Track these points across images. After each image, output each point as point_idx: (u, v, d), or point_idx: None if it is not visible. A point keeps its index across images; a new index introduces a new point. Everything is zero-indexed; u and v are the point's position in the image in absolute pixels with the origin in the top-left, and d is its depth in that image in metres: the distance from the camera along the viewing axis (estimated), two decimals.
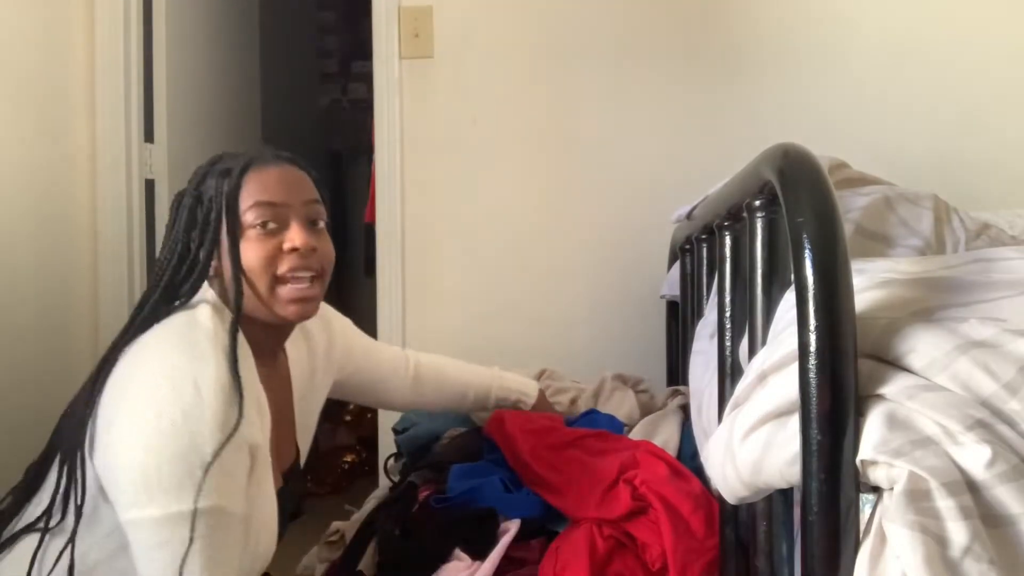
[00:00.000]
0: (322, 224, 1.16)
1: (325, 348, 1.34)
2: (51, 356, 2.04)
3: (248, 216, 1.09)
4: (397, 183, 2.24)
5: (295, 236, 1.10)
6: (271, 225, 1.09)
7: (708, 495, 1.20)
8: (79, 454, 1.02)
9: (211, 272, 1.10)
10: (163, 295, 1.09)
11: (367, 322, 2.60)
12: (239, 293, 1.07)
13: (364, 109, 3.04)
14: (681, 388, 1.71)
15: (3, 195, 1.88)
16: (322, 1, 4.25)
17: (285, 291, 1.09)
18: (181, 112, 2.37)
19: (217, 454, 0.96)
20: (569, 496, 1.25)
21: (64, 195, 2.11)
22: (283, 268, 1.09)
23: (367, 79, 2.47)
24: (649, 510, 1.17)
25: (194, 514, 0.95)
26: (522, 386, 1.60)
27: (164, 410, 0.95)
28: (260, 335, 1.11)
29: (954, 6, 2.16)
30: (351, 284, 3.94)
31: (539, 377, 1.75)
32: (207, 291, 1.10)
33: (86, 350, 2.17)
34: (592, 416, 1.54)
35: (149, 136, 2.28)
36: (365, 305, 2.96)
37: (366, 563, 1.28)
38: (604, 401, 1.67)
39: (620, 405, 1.64)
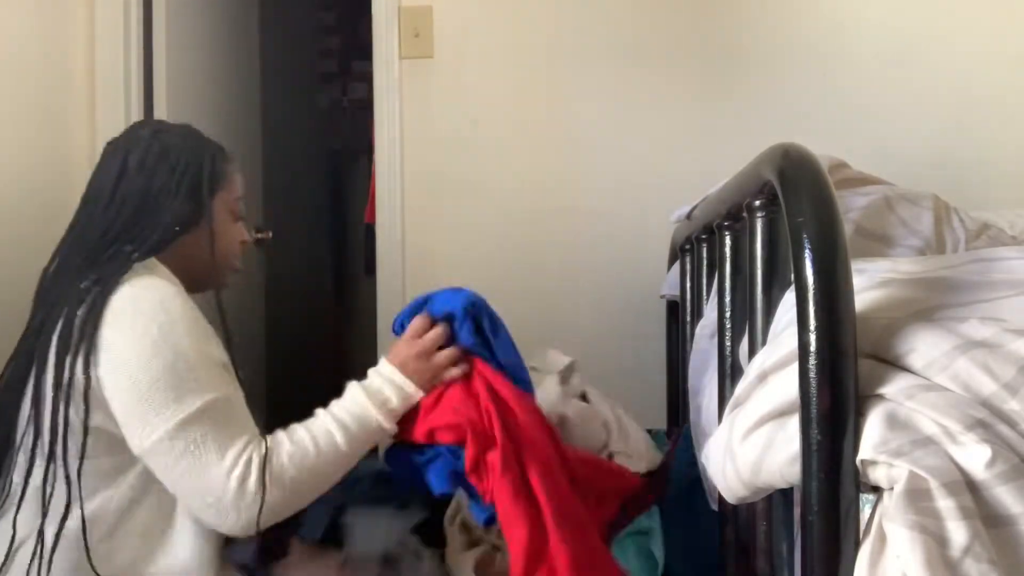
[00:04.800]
0: None
1: None
2: None
3: (235, 205, 1.29)
4: (397, 183, 2.23)
5: (247, 234, 1.34)
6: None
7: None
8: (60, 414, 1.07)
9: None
10: (117, 243, 1.16)
11: (367, 322, 2.61)
12: (213, 251, 1.23)
13: (364, 109, 3.04)
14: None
15: (3, 195, 1.88)
16: (322, 1, 4.25)
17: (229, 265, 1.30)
18: (181, 112, 2.36)
19: (198, 351, 1.08)
20: None
21: (64, 195, 2.11)
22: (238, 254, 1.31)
23: (367, 79, 2.47)
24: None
25: (200, 412, 1.05)
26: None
27: (140, 335, 1.05)
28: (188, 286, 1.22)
29: (954, 7, 2.16)
30: (351, 284, 3.94)
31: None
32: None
33: None
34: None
35: None
36: (365, 305, 2.96)
37: None
38: None
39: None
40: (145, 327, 1.06)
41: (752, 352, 0.93)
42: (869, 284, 0.81)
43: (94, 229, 1.19)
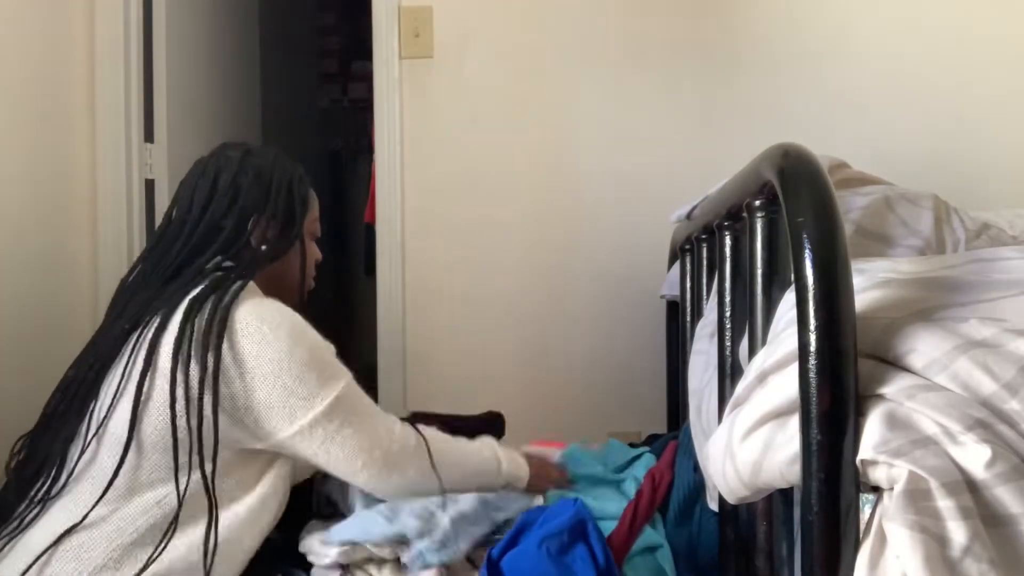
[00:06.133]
0: None
1: None
2: (50, 356, 2.04)
3: (314, 225, 1.37)
4: (397, 183, 2.23)
5: (319, 253, 1.41)
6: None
7: None
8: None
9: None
10: (207, 259, 1.22)
11: (367, 322, 2.61)
12: (303, 272, 1.35)
13: (364, 109, 3.04)
14: None
15: (3, 195, 1.88)
16: (322, 1, 4.25)
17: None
18: (181, 112, 2.37)
19: (325, 344, 1.19)
20: None
21: (64, 195, 2.11)
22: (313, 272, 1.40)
23: (367, 79, 2.47)
24: None
25: (346, 390, 1.16)
26: None
27: (273, 340, 1.13)
28: None
29: (954, 7, 2.16)
30: (351, 284, 3.94)
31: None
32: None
33: None
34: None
35: (149, 136, 2.27)
36: (365, 305, 2.96)
37: None
38: None
39: None
40: (275, 333, 1.13)
41: (752, 352, 0.93)
42: (869, 284, 0.81)
43: (182, 245, 1.23)
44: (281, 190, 1.28)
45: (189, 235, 1.23)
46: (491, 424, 1.54)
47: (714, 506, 1.18)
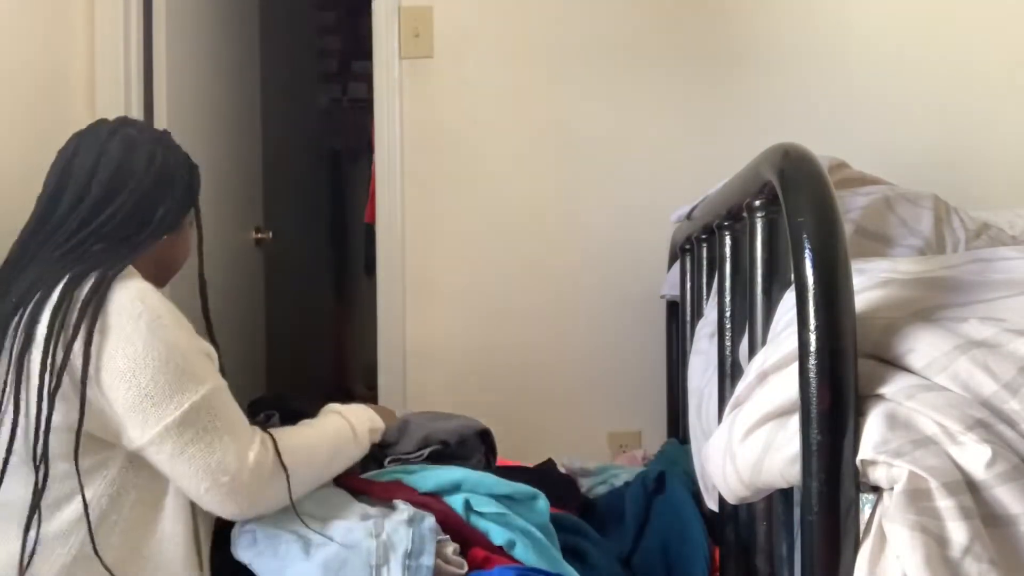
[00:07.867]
0: None
1: None
2: None
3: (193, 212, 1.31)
4: (397, 183, 2.23)
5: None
6: None
7: None
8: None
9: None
10: (97, 239, 1.18)
11: (367, 322, 2.61)
12: (201, 263, 1.29)
13: (364, 109, 3.04)
14: None
15: (2, 195, 1.88)
16: (322, 1, 4.25)
17: None
18: (181, 112, 2.37)
19: (187, 342, 1.11)
20: None
21: None
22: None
23: (367, 79, 2.47)
24: None
25: (204, 399, 1.07)
26: None
27: (131, 334, 1.07)
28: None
29: (954, 7, 2.16)
30: (351, 284, 3.94)
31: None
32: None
33: None
34: None
35: None
36: (365, 305, 2.96)
37: None
38: None
39: None
40: (134, 326, 1.07)
41: (752, 352, 0.94)
42: (869, 284, 0.81)
43: (69, 223, 1.20)
44: (177, 171, 1.27)
45: (78, 215, 1.21)
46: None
47: (713, 506, 1.18)
